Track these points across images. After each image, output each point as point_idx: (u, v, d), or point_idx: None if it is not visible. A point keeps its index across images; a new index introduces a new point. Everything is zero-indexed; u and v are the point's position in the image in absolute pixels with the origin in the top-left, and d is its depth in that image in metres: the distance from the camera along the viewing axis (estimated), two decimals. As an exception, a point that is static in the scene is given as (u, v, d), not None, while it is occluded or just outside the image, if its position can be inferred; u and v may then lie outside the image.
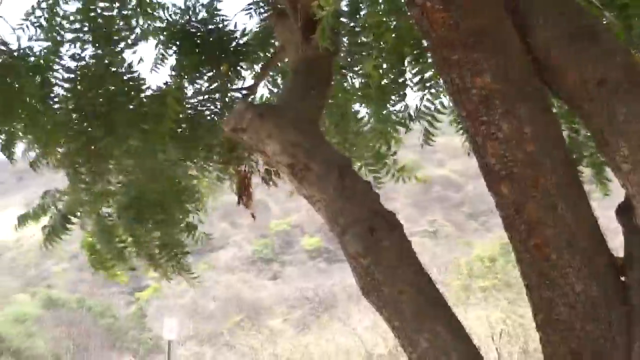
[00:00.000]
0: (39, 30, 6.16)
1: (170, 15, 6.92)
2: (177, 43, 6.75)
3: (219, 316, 57.85)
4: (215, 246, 76.77)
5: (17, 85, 6.13)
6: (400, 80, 6.05)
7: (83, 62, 6.31)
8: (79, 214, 6.99)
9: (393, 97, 6.23)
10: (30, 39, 6.25)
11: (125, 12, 6.36)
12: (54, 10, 6.11)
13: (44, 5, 6.13)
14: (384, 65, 5.78)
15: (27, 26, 6.18)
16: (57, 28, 6.10)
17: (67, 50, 6.20)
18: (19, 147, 6.53)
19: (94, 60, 6.30)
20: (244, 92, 6.77)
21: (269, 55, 6.90)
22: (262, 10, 6.99)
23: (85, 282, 68.82)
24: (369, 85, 5.86)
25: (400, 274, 4.39)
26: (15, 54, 6.19)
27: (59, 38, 6.13)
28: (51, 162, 6.65)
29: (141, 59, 6.54)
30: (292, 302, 60.85)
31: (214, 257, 76.82)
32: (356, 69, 5.89)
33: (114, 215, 7.11)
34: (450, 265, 36.54)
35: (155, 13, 6.81)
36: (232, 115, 4.95)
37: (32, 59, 6.22)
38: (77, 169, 6.71)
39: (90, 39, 6.20)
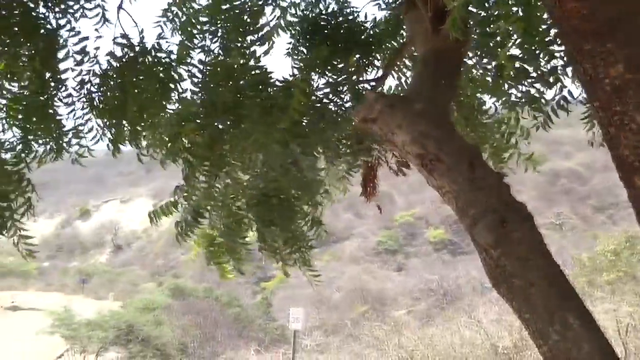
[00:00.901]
0: (172, 26, 6.27)
1: (301, 9, 6.98)
2: (308, 36, 6.79)
3: (344, 307, 58.04)
4: (340, 237, 77.16)
5: (135, 80, 6.23)
6: (530, 70, 5.97)
7: (212, 56, 6.39)
8: (209, 208, 7.07)
9: (522, 88, 6.15)
10: (159, 35, 6.35)
11: (254, 7, 6.42)
12: (189, 6, 6.20)
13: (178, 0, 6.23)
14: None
15: (165, 22, 6.30)
16: (191, 22, 6.20)
17: (197, 44, 6.28)
18: (136, 142, 6.61)
19: (223, 54, 6.37)
20: (373, 83, 6.78)
21: (398, 45, 6.88)
22: (390, 1, 6.99)
23: (213, 271, 69.80)
24: (499, 76, 5.80)
25: (531, 265, 4.35)
26: (137, 49, 6.30)
27: (194, 31, 6.22)
28: (173, 156, 6.73)
29: (268, 51, 6.60)
30: (417, 293, 60.63)
31: (339, 248, 77.18)
32: (486, 59, 5.83)
33: (242, 210, 7.16)
34: (576, 258, 35.93)
35: (287, 8, 6.88)
36: (362, 105, 4.96)
37: (160, 54, 6.32)
38: (200, 162, 6.79)
39: (220, 32, 6.27)
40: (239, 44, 6.28)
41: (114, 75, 6.13)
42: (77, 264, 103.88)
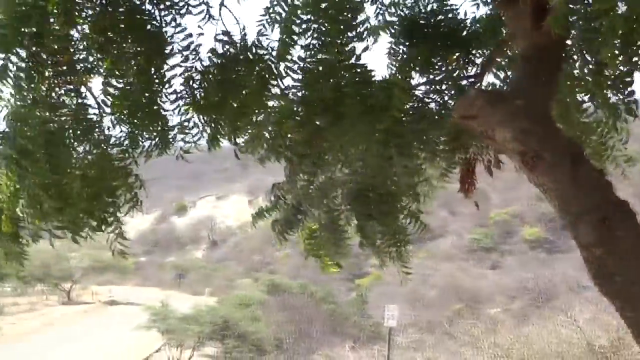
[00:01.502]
0: (273, 23, 6.33)
1: (400, 8, 6.99)
2: (407, 35, 6.79)
3: (439, 304, 57.81)
4: (435, 234, 76.79)
5: (235, 77, 6.29)
6: (629, 68, 5.87)
7: (312, 53, 6.43)
8: (307, 205, 7.10)
9: (622, 86, 6.06)
10: (260, 32, 6.42)
11: (354, 4, 6.44)
12: (289, 2, 6.25)
13: (281, -1, 6.28)
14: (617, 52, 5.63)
15: (267, 21, 6.36)
16: (292, 19, 6.24)
17: (297, 41, 6.33)
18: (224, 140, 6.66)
19: (322, 51, 6.40)
20: (472, 79, 6.76)
21: (498, 42, 6.84)
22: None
23: (308, 267, 70.25)
24: (600, 73, 5.73)
25: (633, 264, 4.31)
26: (238, 45, 6.37)
27: (294, 28, 6.26)
28: (272, 153, 6.77)
29: (367, 48, 6.61)
30: (512, 291, 60.10)
31: (434, 245, 76.86)
32: (588, 57, 5.75)
33: (340, 206, 7.18)
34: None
35: (387, 7, 6.90)
36: (462, 101, 4.96)
37: (261, 51, 6.39)
38: (300, 159, 6.82)
39: (321, 29, 6.30)
40: (338, 41, 6.31)
41: (215, 72, 6.22)
42: (174, 260, 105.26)
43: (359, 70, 6.40)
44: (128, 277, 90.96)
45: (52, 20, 5.71)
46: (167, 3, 6.04)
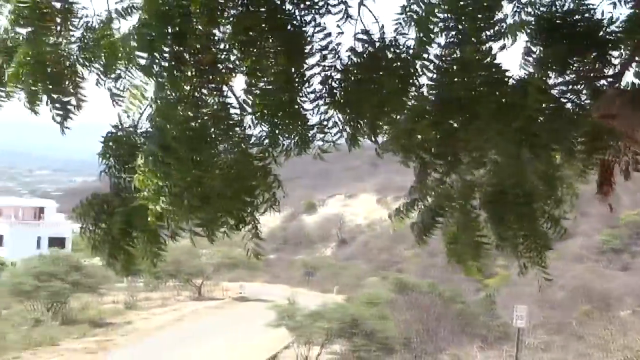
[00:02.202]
0: (410, 21, 6.35)
1: (537, 7, 6.94)
2: (544, 35, 6.74)
3: (567, 305, 56.86)
4: (564, 235, 75.54)
5: (374, 76, 6.31)
6: None
7: (448, 51, 6.43)
8: (447, 208, 7.08)
9: None
10: (397, 31, 6.44)
11: (491, 2, 6.42)
12: (427, 1, 6.26)
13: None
14: None
15: (404, 19, 6.39)
16: (429, 17, 6.26)
17: (434, 39, 6.34)
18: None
19: (458, 50, 6.40)
20: (610, 79, 6.67)
21: (637, 42, 6.73)
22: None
23: (436, 267, 69.95)
24: None
25: None
26: (377, 44, 6.40)
27: (431, 27, 6.27)
28: (407, 152, 6.77)
29: (504, 47, 6.58)
30: (643, 293, 58.70)
31: (563, 246, 75.54)
32: None
33: (477, 207, 7.14)
34: None
35: (524, 6, 6.87)
36: (602, 101, 4.90)
37: (399, 50, 6.42)
38: (433, 159, 6.82)
39: (458, 28, 6.30)
40: (474, 40, 6.30)
41: (355, 71, 6.27)
42: (303, 257, 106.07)
43: (494, 69, 6.38)
44: (258, 274, 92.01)
45: (195, 20, 5.87)
46: (307, 3, 6.13)
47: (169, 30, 5.84)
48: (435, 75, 6.44)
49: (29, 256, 69.99)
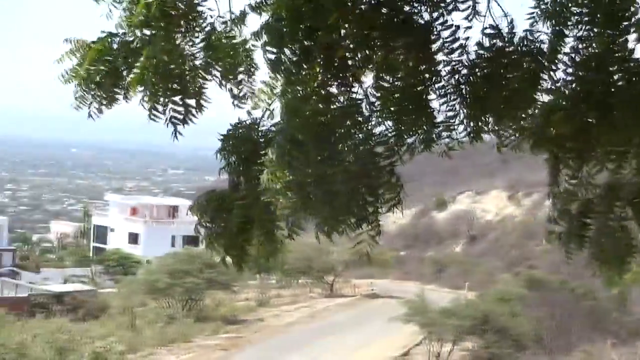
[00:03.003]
0: (543, 15, 6.22)
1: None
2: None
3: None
4: None
5: (502, 71, 6.21)
6: None
7: (582, 45, 6.28)
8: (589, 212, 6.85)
9: None
10: (531, 25, 6.32)
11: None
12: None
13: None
14: None
15: (538, 14, 6.27)
16: (564, 11, 6.13)
17: (568, 33, 6.20)
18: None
19: (592, 43, 6.24)
20: None
21: None
22: None
23: (568, 263, 68.72)
24: None
25: None
26: (506, 39, 6.29)
27: (564, 20, 6.14)
28: (538, 148, 6.62)
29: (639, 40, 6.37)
30: None
31: None
32: None
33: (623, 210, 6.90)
34: None
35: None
36: None
37: (530, 44, 6.29)
38: (566, 154, 6.65)
39: (594, 21, 6.15)
40: (609, 32, 6.14)
41: (482, 66, 6.18)
42: (433, 254, 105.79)
43: (631, 63, 6.19)
44: (388, 271, 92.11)
45: (326, 15, 5.86)
46: (435, 0, 6.07)
47: (300, 26, 5.84)
48: (569, 70, 6.30)
49: (163, 254, 71.60)
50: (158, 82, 5.99)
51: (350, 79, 6.02)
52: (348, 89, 6.03)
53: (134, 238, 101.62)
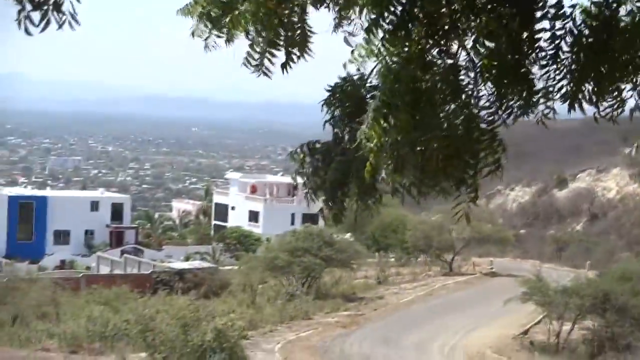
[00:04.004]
0: None
1: None
2: None
3: None
4: None
5: (606, 40, 6.12)
6: None
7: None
8: None
9: None
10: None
11: None
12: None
13: None
14: None
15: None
16: None
17: None
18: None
19: None
20: None
21: None
22: None
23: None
24: None
25: None
26: (613, 7, 6.20)
27: None
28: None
29: None
30: None
31: None
32: None
33: None
34: None
35: None
36: None
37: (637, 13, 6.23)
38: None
39: None
40: None
41: (588, 34, 6.14)
42: (553, 232, 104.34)
43: None
44: (507, 250, 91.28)
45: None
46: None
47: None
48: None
49: (283, 232, 72.37)
50: (262, 27, 6.06)
51: (451, 45, 6.10)
52: (449, 54, 6.10)
53: (254, 216, 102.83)
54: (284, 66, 6.31)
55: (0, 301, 52.71)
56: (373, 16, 5.87)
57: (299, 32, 6.32)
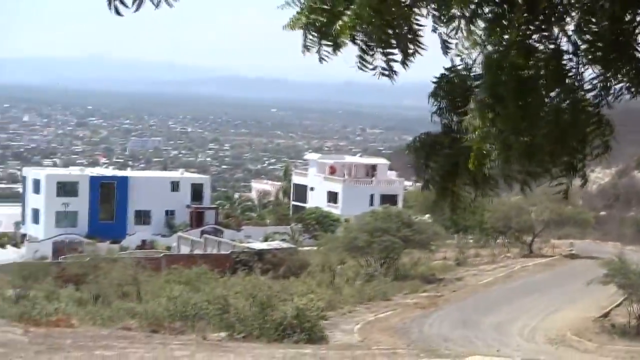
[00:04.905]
0: None
1: None
2: None
3: None
4: None
5: None
6: None
7: None
8: None
9: None
10: None
11: None
12: None
13: None
14: None
15: None
16: None
17: None
18: None
19: None
20: None
21: None
22: None
23: None
24: None
25: None
26: None
27: None
28: None
29: None
30: None
31: None
32: None
33: None
34: None
35: None
36: None
37: None
38: None
39: None
40: None
41: None
42: (634, 214, 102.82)
43: None
44: (588, 231, 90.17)
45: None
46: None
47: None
48: None
49: (361, 213, 72.45)
50: (373, 28, 6.03)
51: (552, 29, 6.02)
52: (551, 39, 6.02)
53: (332, 197, 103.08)
54: (403, 63, 6.27)
55: (82, 280, 53.72)
56: (473, 7, 5.82)
57: (406, 28, 6.25)
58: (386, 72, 6.17)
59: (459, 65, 6.43)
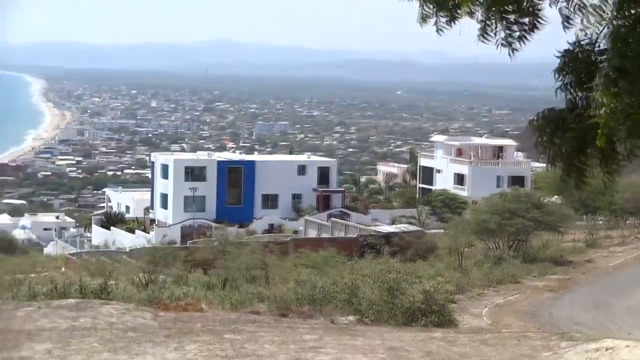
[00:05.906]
0: None
1: None
2: None
3: None
4: None
5: None
6: None
7: None
8: None
9: None
10: None
11: None
12: None
13: None
14: None
15: None
16: None
17: None
18: None
19: None
20: None
21: None
22: None
23: None
24: None
25: None
26: None
27: None
28: None
29: None
30: None
31: None
32: None
33: None
34: None
35: None
36: None
37: None
38: None
39: None
40: None
41: None
42: None
43: None
44: None
45: None
46: None
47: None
48: None
49: (488, 195, 71.76)
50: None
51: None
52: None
53: (459, 179, 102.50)
54: (523, 37, 6.21)
55: (211, 265, 54.52)
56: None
57: (526, 2, 6.18)
58: (506, 44, 6.12)
59: (582, 40, 6.31)
